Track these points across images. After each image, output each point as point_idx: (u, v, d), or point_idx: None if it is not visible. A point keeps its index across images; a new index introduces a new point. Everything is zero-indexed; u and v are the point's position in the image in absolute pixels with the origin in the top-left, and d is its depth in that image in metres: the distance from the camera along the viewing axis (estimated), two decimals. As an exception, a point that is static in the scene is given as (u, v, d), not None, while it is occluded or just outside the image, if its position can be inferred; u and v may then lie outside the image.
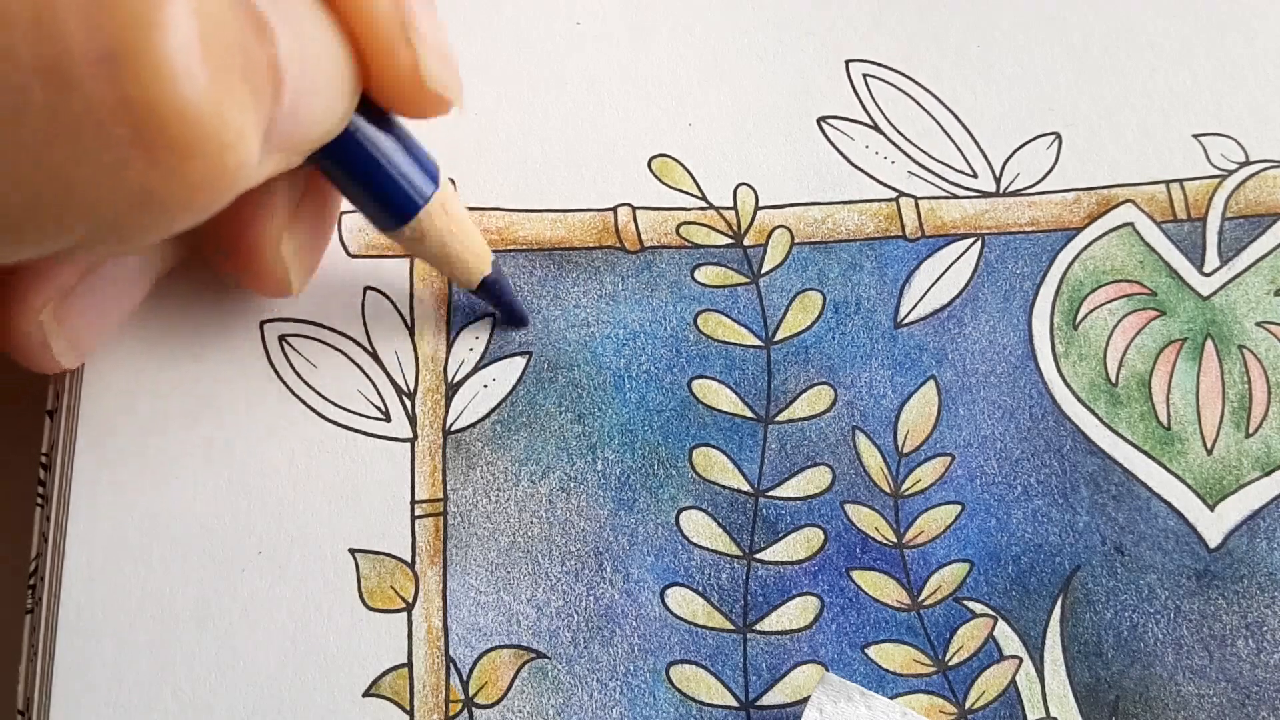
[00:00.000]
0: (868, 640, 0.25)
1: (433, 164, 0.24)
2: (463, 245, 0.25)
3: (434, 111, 0.22)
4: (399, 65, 0.21)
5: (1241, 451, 0.26)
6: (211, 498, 0.25)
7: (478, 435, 0.26)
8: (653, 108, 0.29)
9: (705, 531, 0.25)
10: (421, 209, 0.23)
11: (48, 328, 0.23)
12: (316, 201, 0.24)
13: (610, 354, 0.27)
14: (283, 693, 0.23)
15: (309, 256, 0.25)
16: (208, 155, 0.17)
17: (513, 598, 0.25)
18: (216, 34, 0.17)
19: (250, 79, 0.18)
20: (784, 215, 0.28)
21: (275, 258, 0.24)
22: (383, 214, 0.24)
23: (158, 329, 0.26)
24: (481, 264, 0.25)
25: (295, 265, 0.24)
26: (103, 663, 0.23)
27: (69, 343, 0.23)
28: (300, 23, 0.19)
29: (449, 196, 0.24)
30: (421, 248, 0.24)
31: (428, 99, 0.22)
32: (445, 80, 0.22)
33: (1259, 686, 0.24)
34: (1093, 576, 0.25)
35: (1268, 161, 0.29)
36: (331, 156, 0.22)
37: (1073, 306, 0.28)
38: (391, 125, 0.23)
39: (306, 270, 0.25)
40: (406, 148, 0.23)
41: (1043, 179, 0.29)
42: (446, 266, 0.25)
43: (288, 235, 0.24)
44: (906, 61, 0.30)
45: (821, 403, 0.27)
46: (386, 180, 0.23)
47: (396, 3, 0.21)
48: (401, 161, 0.23)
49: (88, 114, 0.16)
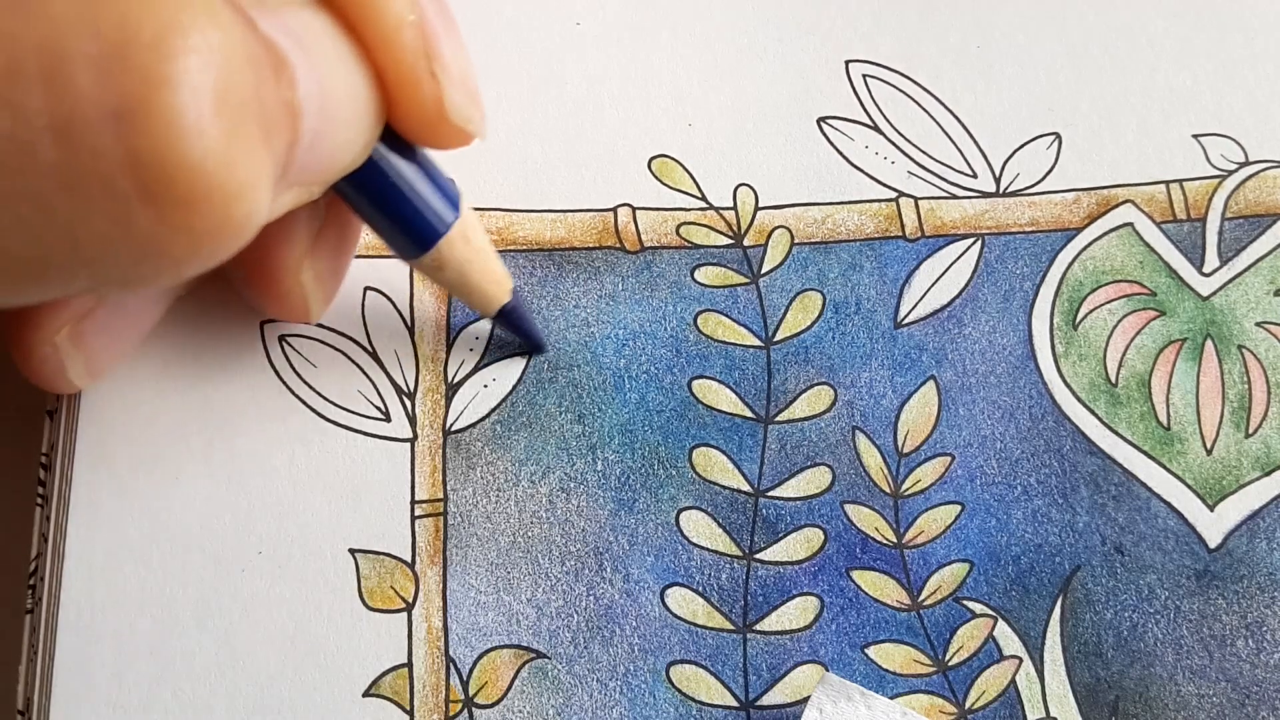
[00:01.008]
0: (868, 640, 0.25)
1: (454, 191, 0.23)
2: (482, 274, 0.24)
3: (456, 143, 0.22)
4: (423, 98, 0.21)
5: (1241, 451, 0.26)
6: (211, 498, 0.25)
7: (478, 435, 0.26)
8: (653, 108, 0.29)
9: (705, 531, 0.25)
10: (442, 237, 0.23)
11: (64, 350, 0.23)
12: (338, 230, 0.24)
13: (610, 354, 0.27)
14: (283, 693, 0.23)
15: (329, 283, 0.25)
16: (213, 208, 0.17)
17: (513, 598, 0.25)
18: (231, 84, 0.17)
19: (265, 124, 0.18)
20: (784, 215, 0.28)
21: (295, 285, 0.24)
22: (404, 241, 0.23)
23: (158, 329, 0.26)
24: (501, 292, 0.25)
25: (315, 292, 0.24)
26: (103, 663, 0.23)
27: (85, 365, 0.23)
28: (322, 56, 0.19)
29: (470, 225, 0.24)
30: (441, 275, 0.24)
31: (450, 132, 0.22)
32: (468, 114, 0.22)
33: (1259, 686, 0.24)
34: (1093, 576, 0.25)
35: (1268, 162, 0.29)
36: (352, 184, 0.22)
37: (1073, 307, 0.28)
38: (413, 153, 0.23)
39: (326, 297, 0.25)
40: (428, 174, 0.23)
41: (1043, 179, 0.29)
42: (465, 294, 0.25)
43: (308, 263, 0.24)
44: (906, 61, 0.30)
45: (821, 403, 0.27)
46: (407, 208, 0.23)
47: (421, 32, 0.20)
48: (423, 189, 0.23)
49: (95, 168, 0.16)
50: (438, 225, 0.23)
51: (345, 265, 0.25)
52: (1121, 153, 0.29)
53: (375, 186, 0.22)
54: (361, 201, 0.23)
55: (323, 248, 0.24)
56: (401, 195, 0.23)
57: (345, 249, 0.25)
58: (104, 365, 0.24)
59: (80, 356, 0.23)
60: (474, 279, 0.24)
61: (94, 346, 0.23)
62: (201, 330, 0.26)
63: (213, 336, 0.26)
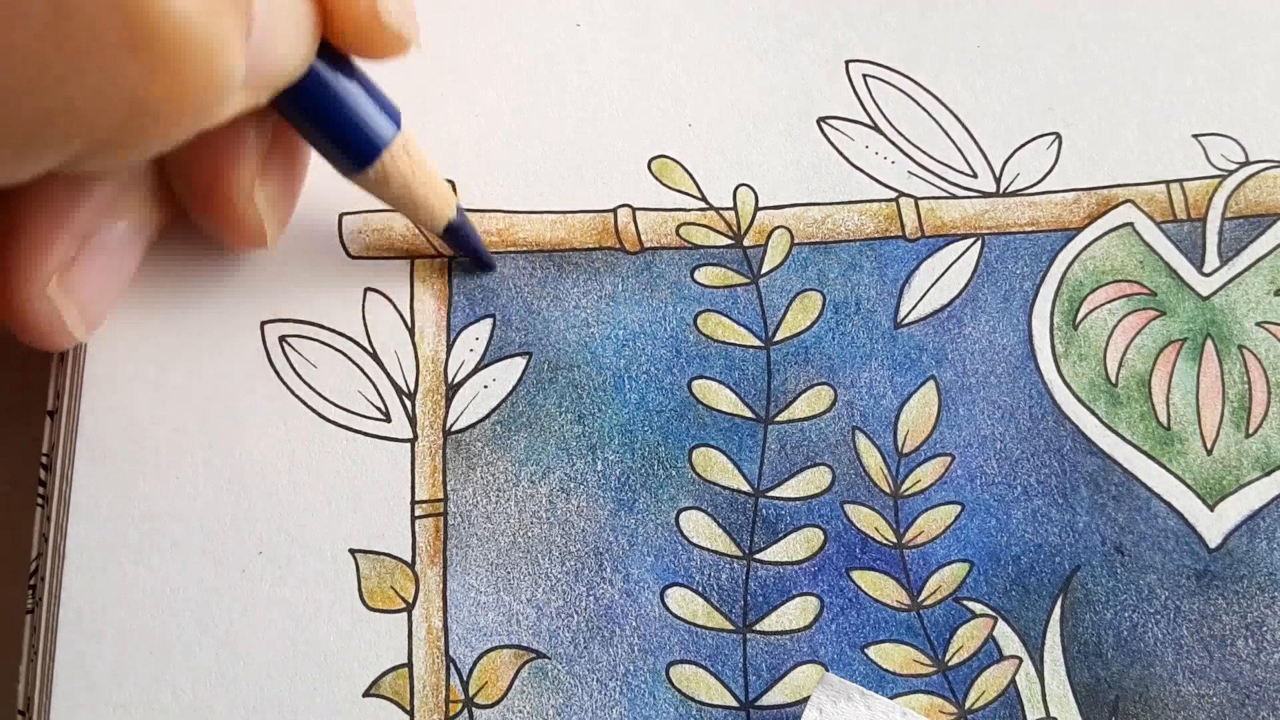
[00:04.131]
0: (867, 640, 0.25)
1: (394, 108, 0.24)
2: (427, 188, 0.25)
3: (393, 51, 0.23)
4: (358, 5, 0.22)
5: (1241, 451, 0.26)
6: (211, 498, 0.25)
7: (478, 435, 0.26)
8: (653, 108, 0.29)
9: (705, 532, 0.25)
10: (384, 150, 0.24)
11: (57, 299, 0.23)
12: (286, 152, 0.25)
13: (610, 354, 0.27)
14: (283, 693, 0.23)
15: (282, 207, 0.26)
16: (198, 61, 0.18)
17: (513, 598, 0.25)
18: None
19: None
20: (784, 216, 0.28)
21: (248, 208, 0.25)
22: (345, 156, 0.24)
23: (158, 329, 0.26)
24: (446, 207, 0.26)
25: (269, 215, 0.25)
26: (103, 663, 0.23)
27: (80, 314, 0.24)
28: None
29: (411, 139, 0.25)
30: (386, 190, 0.25)
31: (386, 39, 0.23)
32: (402, 19, 0.23)
33: (1259, 686, 0.24)
34: (1093, 576, 0.25)
35: (1268, 161, 0.29)
36: (294, 101, 0.23)
37: (1072, 307, 0.28)
38: (352, 70, 0.24)
39: (280, 221, 0.26)
40: (368, 91, 0.24)
41: (1043, 179, 0.29)
42: (411, 210, 0.26)
43: (259, 185, 0.25)
44: (906, 61, 0.30)
45: (821, 403, 0.27)
46: (348, 122, 0.24)
47: None
48: (363, 104, 0.24)
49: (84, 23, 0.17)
50: (378, 139, 0.24)
51: (297, 188, 0.26)
52: (1121, 153, 0.29)
53: (316, 101, 0.23)
54: (303, 118, 0.24)
55: (272, 170, 0.25)
56: (343, 109, 0.24)
57: (295, 171, 0.26)
58: (97, 313, 0.25)
59: (73, 305, 0.24)
60: (419, 193, 0.25)
61: (84, 294, 0.24)
62: (201, 330, 0.26)
63: (213, 337, 0.26)
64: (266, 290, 0.27)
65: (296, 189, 0.26)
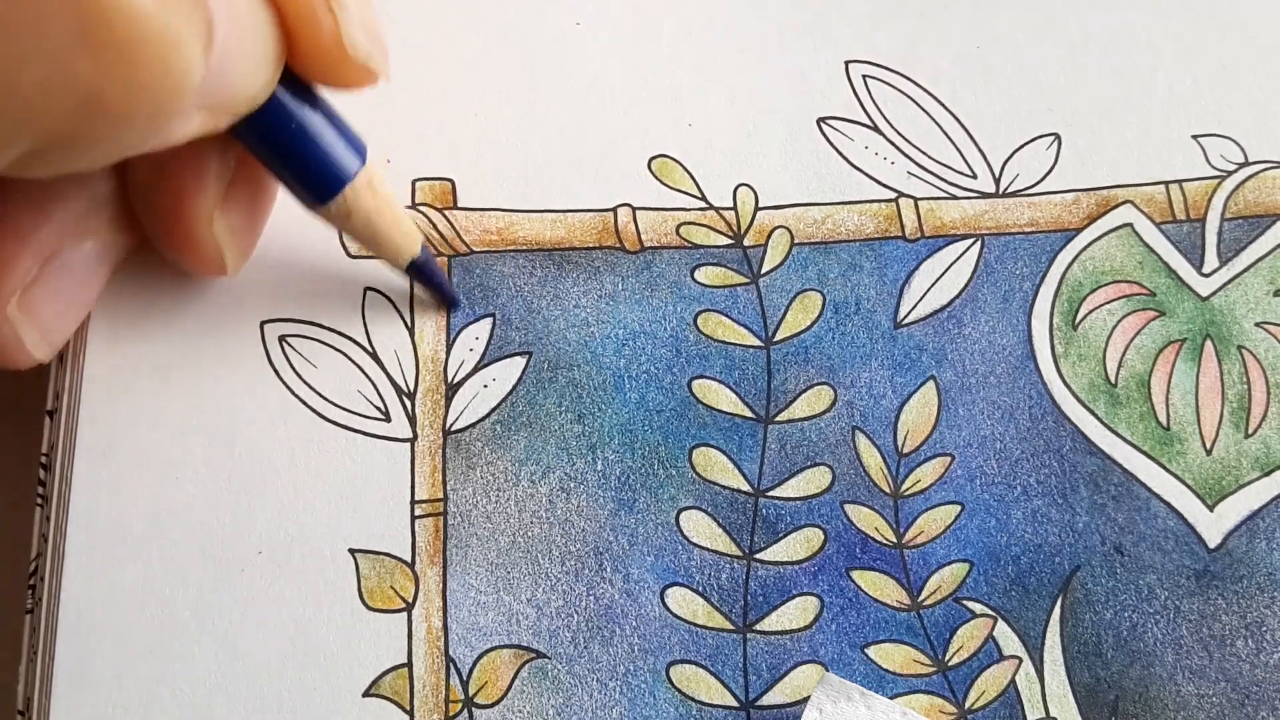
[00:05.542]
0: (867, 640, 0.25)
1: (359, 141, 0.24)
2: (390, 224, 0.25)
3: (358, 82, 0.23)
4: (322, 34, 0.21)
5: (1241, 452, 0.27)
6: (211, 498, 0.25)
7: (478, 435, 0.26)
8: (653, 108, 0.29)
9: (705, 531, 0.25)
10: (346, 185, 0.24)
11: (16, 320, 0.23)
12: (250, 183, 0.25)
13: (610, 354, 0.27)
14: (283, 693, 0.23)
15: (243, 238, 0.25)
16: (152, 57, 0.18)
17: (513, 598, 0.25)
18: None
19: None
20: (784, 216, 0.28)
21: (208, 237, 0.24)
22: (306, 189, 0.24)
23: (157, 329, 0.26)
24: (410, 244, 0.25)
25: (230, 245, 0.25)
26: (103, 663, 0.23)
27: (41, 335, 0.24)
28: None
29: (376, 175, 0.24)
30: (348, 224, 0.24)
31: (351, 69, 0.22)
32: (368, 49, 0.22)
33: (1259, 686, 0.24)
34: (1092, 576, 0.25)
35: (1267, 162, 0.29)
36: (255, 129, 0.22)
37: (1072, 307, 0.28)
38: (316, 101, 0.23)
39: (241, 252, 0.25)
40: (333, 123, 0.23)
41: (1042, 179, 0.29)
42: (375, 245, 0.25)
43: (220, 215, 0.24)
44: (906, 62, 0.30)
45: (821, 403, 0.27)
46: (309, 154, 0.23)
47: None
48: (326, 136, 0.23)
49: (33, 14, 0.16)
50: (341, 173, 0.23)
51: (260, 221, 0.26)
52: (1121, 153, 0.29)
53: (278, 131, 0.23)
54: (265, 147, 0.23)
55: (235, 200, 0.24)
56: (305, 141, 0.23)
57: (258, 204, 0.25)
58: (58, 334, 0.24)
59: (33, 326, 0.24)
60: (382, 228, 0.25)
61: (45, 315, 0.24)
62: (202, 330, 0.26)
63: (213, 336, 0.26)
64: (266, 290, 0.27)
65: (260, 221, 0.26)
